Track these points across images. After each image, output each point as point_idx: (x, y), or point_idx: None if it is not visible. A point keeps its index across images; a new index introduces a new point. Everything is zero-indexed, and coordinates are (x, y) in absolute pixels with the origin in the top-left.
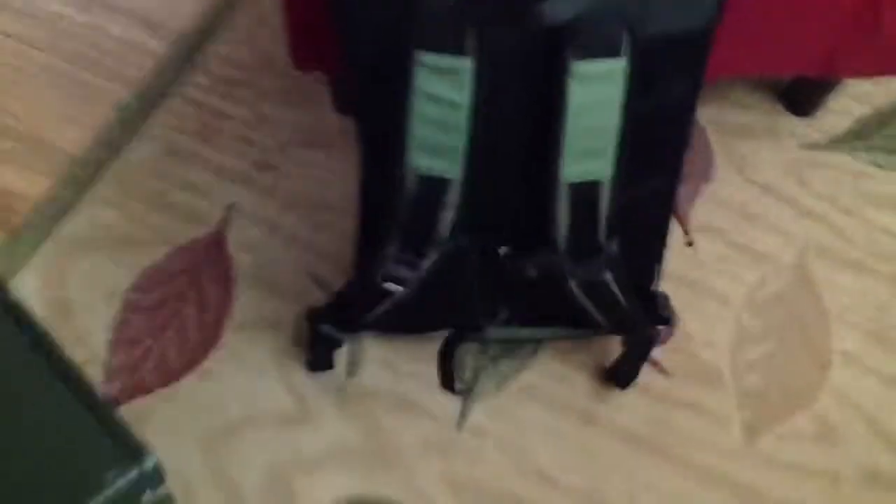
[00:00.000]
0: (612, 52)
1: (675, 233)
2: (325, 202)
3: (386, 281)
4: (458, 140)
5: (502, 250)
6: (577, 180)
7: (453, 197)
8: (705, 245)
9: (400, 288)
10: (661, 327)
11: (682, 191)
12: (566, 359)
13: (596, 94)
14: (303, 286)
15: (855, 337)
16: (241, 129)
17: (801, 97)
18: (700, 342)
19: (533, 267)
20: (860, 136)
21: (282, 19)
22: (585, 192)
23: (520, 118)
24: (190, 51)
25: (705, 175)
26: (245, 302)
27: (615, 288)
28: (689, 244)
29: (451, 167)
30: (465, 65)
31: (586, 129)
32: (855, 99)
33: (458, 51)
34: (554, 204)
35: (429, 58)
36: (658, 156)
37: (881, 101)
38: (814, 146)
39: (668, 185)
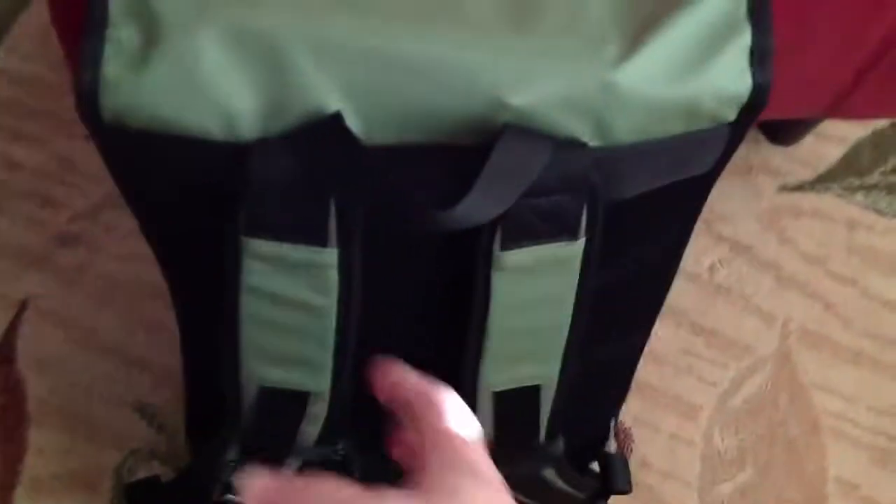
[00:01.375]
0: (563, 234)
1: None
2: (155, 291)
3: (226, 493)
4: (321, 351)
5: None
6: (506, 388)
7: (318, 409)
8: (664, 332)
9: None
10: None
11: None
12: None
13: (534, 288)
14: (124, 421)
15: (853, 458)
16: (35, 184)
17: (783, 122)
18: (660, 473)
19: None
20: (854, 170)
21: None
22: (518, 399)
23: (418, 313)
24: None
25: None
26: (43, 449)
27: (558, 481)
28: None
29: (312, 380)
30: (328, 258)
31: (519, 330)
32: (847, 121)
33: (316, 238)
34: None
35: (267, 247)
36: (627, 319)
37: (878, 121)
38: (798, 187)
39: (638, 342)
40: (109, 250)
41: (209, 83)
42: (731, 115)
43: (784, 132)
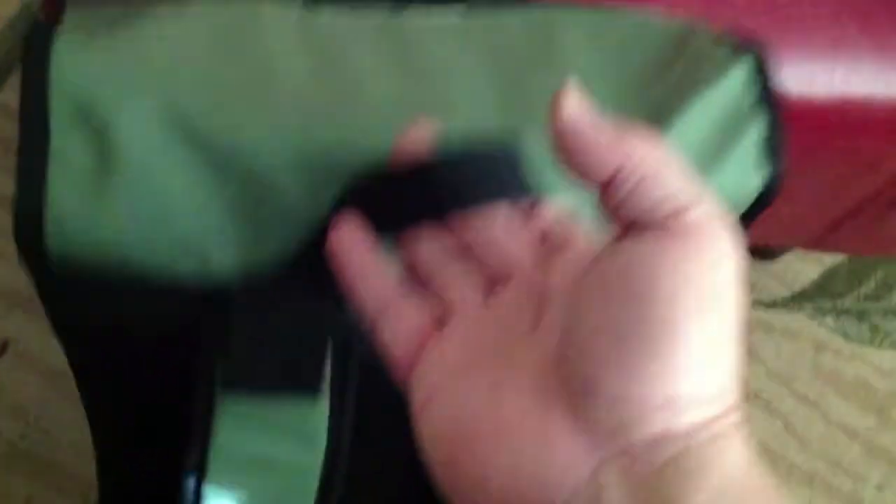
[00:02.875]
0: None
1: None
2: None
3: None
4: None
5: None
6: None
7: None
8: None
9: None
10: None
11: None
12: None
13: None
14: (92, 472)
15: None
16: None
17: None
18: None
19: None
20: (829, 292)
21: None
22: None
23: (407, 460)
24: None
25: None
26: (7, 493)
27: None
28: None
29: None
30: (317, 416)
31: None
32: None
33: (305, 394)
34: None
35: (247, 405)
36: None
37: None
38: (773, 304)
39: None
40: None
41: (178, 217)
42: (741, 210)
43: (764, 249)
